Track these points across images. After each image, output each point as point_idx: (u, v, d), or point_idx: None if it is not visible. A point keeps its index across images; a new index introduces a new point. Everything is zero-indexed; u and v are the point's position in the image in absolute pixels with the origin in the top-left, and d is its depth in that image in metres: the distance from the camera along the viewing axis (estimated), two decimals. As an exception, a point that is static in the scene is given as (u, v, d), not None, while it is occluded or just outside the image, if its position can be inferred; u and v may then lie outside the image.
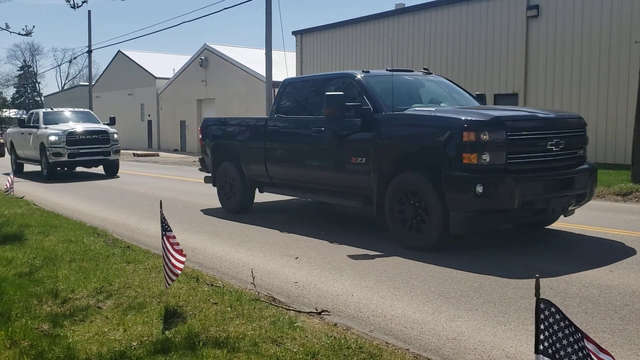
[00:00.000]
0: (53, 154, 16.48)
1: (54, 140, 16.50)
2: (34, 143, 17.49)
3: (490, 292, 4.88)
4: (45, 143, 16.63)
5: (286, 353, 3.54)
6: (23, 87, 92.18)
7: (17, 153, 19.85)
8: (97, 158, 17.10)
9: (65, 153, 16.52)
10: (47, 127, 17.25)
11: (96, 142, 16.95)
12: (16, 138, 19.76)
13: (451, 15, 20.95)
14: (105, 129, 17.35)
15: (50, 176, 16.78)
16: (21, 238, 7.28)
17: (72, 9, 7.96)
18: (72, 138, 16.62)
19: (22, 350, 3.67)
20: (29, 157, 18.61)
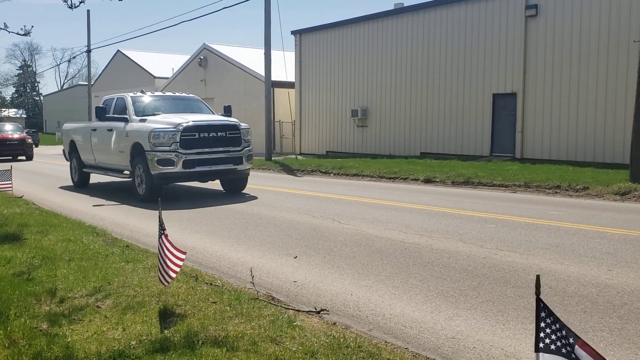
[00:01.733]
0: (159, 162, 10.76)
1: (161, 139, 10.80)
2: (120, 144, 11.96)
3: (489, 291, 4.88)
4: (145, 144, 10.95)
5: (285, 352, 3.54)
6: (22, 86, 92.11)
7: (82, 159, 14.23)
8: (224, 168, 11.33)
9: (179, 160, 10.77)
10: (145, 119, 11.51)
11: (223, 142, 11.30)
12: (82, 137, 14.13)
13: (450, 15, 20.94)
14: (234, 123, 11.62)
15: (151, 197, 10.95)
16: (20, 237, 7.26)
17: (69, 9, 7.95)
18: (189, 136, 10.92)
19: (20, 349, 3.66)
20: (106, 164, 13.07)
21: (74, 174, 14.79)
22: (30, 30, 9.08)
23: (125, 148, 11.68)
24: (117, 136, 12.06)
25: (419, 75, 22.11)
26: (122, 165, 12.17)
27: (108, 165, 12.98)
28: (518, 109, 18.89)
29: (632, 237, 7.01)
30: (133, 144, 11.36)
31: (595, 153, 17.09)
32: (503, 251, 6.33)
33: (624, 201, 10.41)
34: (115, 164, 12.54)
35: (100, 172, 13.52)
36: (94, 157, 13.52)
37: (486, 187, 12.68)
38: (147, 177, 11.07)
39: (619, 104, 16.47)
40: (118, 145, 12.05)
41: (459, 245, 6.70)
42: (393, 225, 8.02)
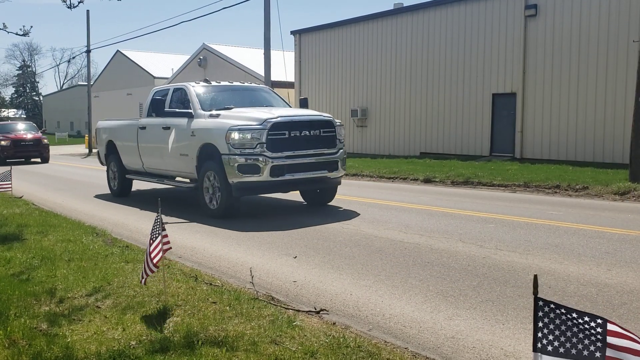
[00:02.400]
0: (241, 168, 8.44)
1: (243, 139, 8.45)
2: (183, 145, 9.58)
3: (488, 290, 4.88)
4: (220, 145, 8.65)
5: (285, 352, 3.55)
6: (22, 86, 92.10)
7: (124, 163, 11.87)
8: (318, 175, 9.00)
9: (266, 166, 8.39)
10: (218, 113, 9.21)
11: (316, 143, 8.93)
12: (124, 137, 11.75)
13: (450, 15, 20.94)
14: (329, 119, 9.22)
15: (227, 212, 8.88)
16: (20, 238, 7.27)
17: (68, 9, 7.95)
18: (277, 135, 8.54)
19: (20, 349, 3.66)
20: (159, 170, 10.73)
21: (112, 181, 12.42)
22: (29, 31, 9.10)
23: (190, 150, 9.39)
24: (178, 135, 9.74)
25: (419, 75, 22.11)
26: (183, 171, 9.94)
27: (162, 172, 10.74)
28: (518, 109, 18.90)
29: (631, 236, 7.01)
30: (202, 145, 9.10)
31: (594, 153, 17.09)
32: (502, 251, 6.33)
33: (624, 201, 10.42)
34: (174, 170, 10.26)
35: (149, 180, 11.35)
36: (141, 161, 11.18)
37: (486, 187, 12.69)
38: (222, 187, 8.77)
39: (619, 103, 16.48)
40: (179, 146, 9.73)
41: (458, 245, 6.71)
42: (393, 225, 8.02)
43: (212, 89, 10.37)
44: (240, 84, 11.11)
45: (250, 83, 11.58)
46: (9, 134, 25.91)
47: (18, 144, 25.52)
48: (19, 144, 25.55)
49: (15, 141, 25.47)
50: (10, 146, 25.30)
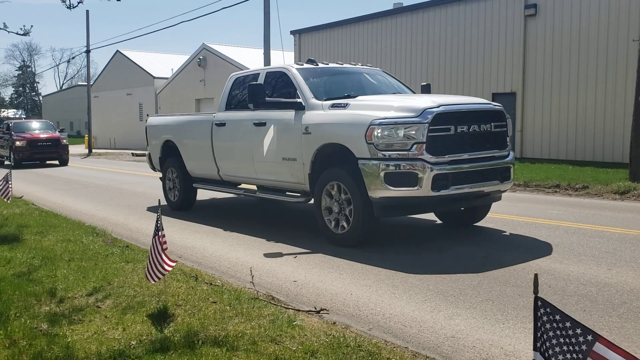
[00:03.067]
0: (389, 178, 6.18)
1: (391, 137, 6.24)
2: (289, 146, 7.39)
3: (488, 290, 4.88)
4: (357, 146, 6.43)
5: (285, 352, 3.55)
6: (21, 87, 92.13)
7: (188, 169, 9.70)
8: (490, 187, 6.81)
9: (427, 175, 6.14)
10: (346, 103, 6.97)
11: (486, 141, 6.74)
12: (191, 136, 9.53)
13: (449, 15, 20.95)
14: (499, 108, 7.12)
15: (362, 236, 6.64)
16: (20, 238, 7.27)
17: (68, 9, 7.95)
18: (440, 132, 6.31)
19: (20, 349, 3.67)
20: (247, 178, 8.51)
21: (171, 191, 10.20)
22: (29, 30, 9.10)
23: (301, 153, 7.13)
24: (280, 133, 7.47)
25: (418, 75, 22.11)
26: (285, 180, 7.61)
27: (249, 180, 8.50)
28: (517, 109, 18.90)
29: (631, 236, 7.02)
30: (321, 146, 6.86)
31: (594, 152, 17.10)
32: (503, 250, 6.33)
33: (624, 200, 10.42)
34: (270, 179, 7.93)
35: (226, 190, 9.36)
36: (216, 167, 8.89)
37: (486, 187, 12.67)
38: (356, 204, 6.39)
39: (619, 103, 16.48)
40: (282, 147, 7.45)
41: (457, 244, 6.71)
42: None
43: (321, 71, 8.12)
44: (352, 66, 8.71)
45: (360, 64, 8.98)
46: (24, 134, 23.63)
47: (34, 145, 23.12)
48: (36, 145, 23.12)
49: (32, 141, 23.11)
50: (26, 147, 22.94)
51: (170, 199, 10.28)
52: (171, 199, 10.25)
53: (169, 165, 10.19)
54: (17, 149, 22.93)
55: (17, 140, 23.10)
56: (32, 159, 23.23)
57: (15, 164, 22.69)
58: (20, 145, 22.98)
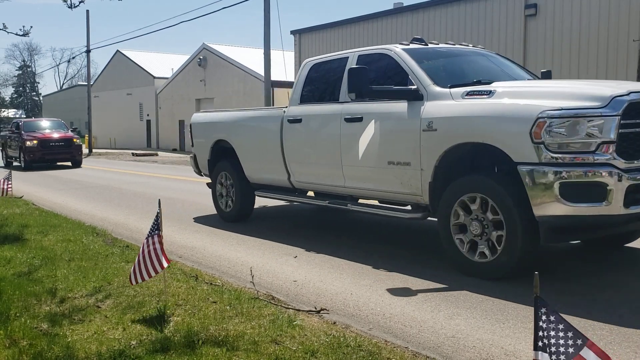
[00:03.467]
0: (566, 189, 4.55)
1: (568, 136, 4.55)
2: (397, 146, 5.91)
3: (489, 289, 4.88)
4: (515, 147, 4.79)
5: (285, 351, 3.55)
6: (22, 87, 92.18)
7: (247, 173, 8.24)
8: None
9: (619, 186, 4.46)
10: (488, 90, 5.28)
11: None
12: (253, 134, 8.07)
13: (449, 14, 20.95)
14: None
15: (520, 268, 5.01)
16: (20, 238, 7.27)
17: (69, 9, 7.96)
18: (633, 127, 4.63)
19: (21, 349, 3.67)
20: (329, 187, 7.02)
21: (223, 199, 8.75)
22: (29, 31, 9.12)
23: (421, 155, 5.64)
24: (388, 131, 6.01)
25: (419, 75, 22.11)
26: (393, 190, 6.10)
27: (336, 188, 6.83)
28: (517, 108, 18.90)
29: (631, 236, 7.01)
30: (452, 146, 5.36)
31: (594, 152, 17.11)
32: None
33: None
34: (367, 188, 6.40)
35: (298, 199, 7.81)
36: (286, 172, 7.40)
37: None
38: (514, 225, 4.90)
39: (619, 103, 16.49)
40: (388, 149, 5.99)
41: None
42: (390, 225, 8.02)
43: (435, 53, 6.67)
44: (464, 47, 7.32)
45: (471, 45, 7.62)
46: (34, 133, 22.38)
47: (46, 145, 21.89)
48: (47, 145, 21.86)
49: (43, 141, 21.90)
50: (37, 147, 21.67)
51: (221, 208, 8.82)
52: (223, 208, 8.77)
53: (222, 169, 8.69)
54: (27, 150, 21.66)
55: (27, 140, 21.80)
56: (43, 160, 21.95)
57: (26, 165, 21.78)
58: (31, 145, 21.72)
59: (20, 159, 22.30)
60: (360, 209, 6.65)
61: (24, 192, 12.91)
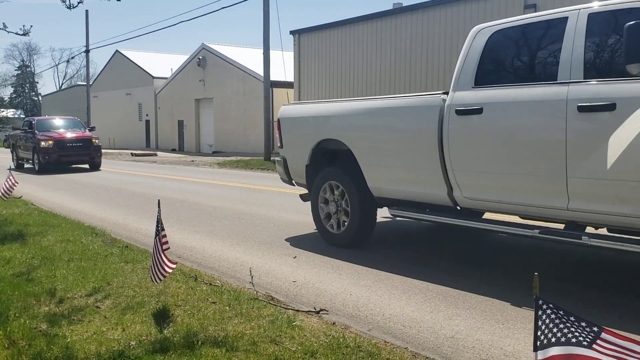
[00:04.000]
0: None
1: None
2: None
3: (488, 290, 4.88)
4: None
5: (285, 352, 3.55)
6: (21, 86, 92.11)
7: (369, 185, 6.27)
8: None
9: None
10: None
11: None
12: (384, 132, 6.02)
13: (449, 14, 20.95)
14: None
15: None
16: (19, 238, 7.26)
17: (68, 9, 7.95)
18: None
19: (20, 349, 3.66)
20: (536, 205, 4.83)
21: (331, 217, 6.87)
22: (29, 30, 9.08)
23: None
24: None
25: (418, 75, 22.12)
26: None
27: (549, 210, 4.82)
28: (517, 109, 18.90)
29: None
30: None
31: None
32: (501, 251, 6.34)
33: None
34: (635, 213, 4.13)
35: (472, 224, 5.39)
36: (446, 183, 5.43)
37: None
38: None
39: (618, 103, 16.49)
40: None
41: (457, 245, 6.71)
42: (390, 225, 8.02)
43: None
44: None
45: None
46: (49, 133, 20.34)
47: (62, 146, 19.90)
48: (64, 146, 19.88)
49: (59, 142, 19.88)
50: (53, 148, 19.71)
51: (328, 230, 6.84)
52: (331, 230, 6.80)
53: (328, 177, 6.76)
54: (42, 151, 19.68)
55: (42, 141, 19.75)
56: (59, 162, 19.94)
57: (40, 168, 19.94)
58: (46, 146, 19.71)
59: (33, 161, 20.50)
60: (610, 246, 4.37)
61: (23, 192, 12.89)
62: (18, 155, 22.76)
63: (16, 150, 22.93)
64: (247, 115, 30.91)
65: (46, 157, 19.78)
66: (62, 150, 19.89)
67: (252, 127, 30.43)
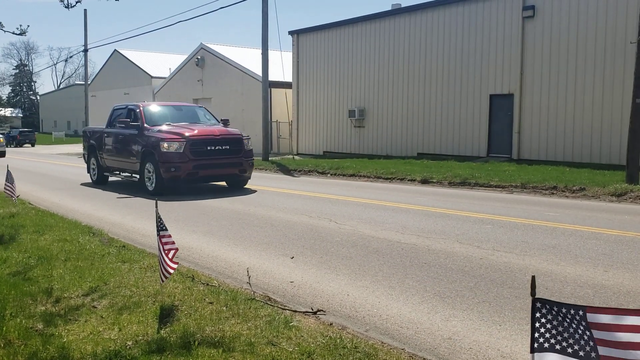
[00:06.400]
0: None
1: None
2: None
3: (485, 292, 4.88)
4: None
5: (282, 353, 3.54)
6: (19, 85, 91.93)
7: None
8: None
9: None
10: None
11: None
12: None
13: (447, 16, 20.96)
14: None
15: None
16: (16, 237, 7.24)
17: (66, 9, 7.92)
18: None
19: (16, 349, 3.65)
20: None
21: None
22: (26, 30, 9.04)
23: None
24: None
25: (416, 76, 22.12)
26: None
27: None
28: (515, 110, 18.92)
29: (627, 238, 7.03)
30: None
31: (591, 154, 17.12)
32: (500, 252, 6.34)
33: (620, 202, 10.44)
34: None
35: None
36: None
37: (483, 188, 12.70)
38: None
39: (616, 105, 16.51)
40: None
41: (455, 245, 6.71)
42: (390, 226, 8.02)
43: None
44: None
45: None
46: (172, 128, 12.36)
47: (202, 150, 11.86)
48: (204, 150, 11.87)
49: (196, 143, 11.85)
50: (185, 154, 11.69)
51: None
52: None
53: None
54: (165, 158, 11.68)
55: (164, 141, 11.77)
56: (195, 177, 11.89)
57: (161, 186, 11.85)
58: (171, 150, 11.70)
59: (142, 175, 12.36)
60: None
61: (20, 191, 12.85)
62: (102, 163, 14.47)
63: (98, 156, 14.62)
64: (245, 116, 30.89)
65: (172, 169, 11.56)
66: (201, 158, 11.71)
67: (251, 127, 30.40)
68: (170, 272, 4.36)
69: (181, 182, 11.95)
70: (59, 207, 10.71)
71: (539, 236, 7.15)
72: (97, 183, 14.81)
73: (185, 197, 11.53)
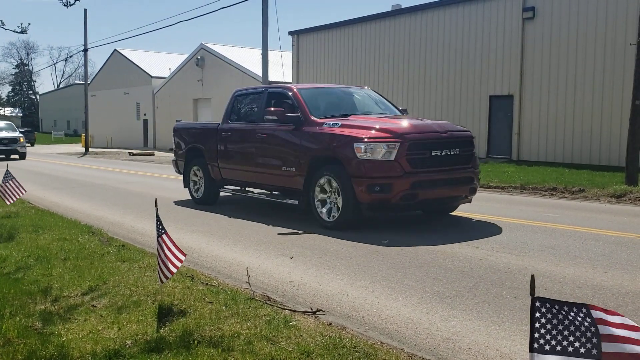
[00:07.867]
0: None
1: None
2: None
3: (484, 292, 4.88)
4: None
5: (281, 352, 3.54)
6: (18, 85, 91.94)
7: None
8: None
9: None
10: None
11: None
12: None
13: (447, 17, 20.98)
14: None
15: None
16: (15, 236, 7.24)
17: (65, 7, 7.91)
18: None
19: (15, 348, 3.65)
20: None
21: None
22: (27, 28, 9.03)
23: None
24: None
25: (416, 77, 22.14)
26: None
27: None
28: (515, 111, 18.94)
29: (627, 239, 7.03)
30: None
31: (591, 155, 17.13)
32: (499, 252, 6.34)
33: (620, 204, 10.44)
34: None
35: None
36: None
37: (482, 189, 12.69)
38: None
39: (615, 106, 16.52)
40: None
41: (454, 246, 6.71)
42: (390, 226, 8.02)
43: None
44: None
45: None
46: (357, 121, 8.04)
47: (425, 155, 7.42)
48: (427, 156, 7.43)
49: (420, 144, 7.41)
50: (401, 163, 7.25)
51: None
52: None
53: None
54: (363, 171, 7.36)
55: (360, 142, 7.38)
56: (415, 201, 7.49)
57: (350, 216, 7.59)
58: (376, 158, 7.30)
59: (321, 198, 7.93)
60: None
61: (19, 190, 12.85)
62: (216, 175, 10.20)
63: (210, 165, 10.29)
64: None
65: (377, 187, 7.32)
66: (423, 170, 7.49)
67: (250, 127, 30.41)
68: (172, 272, 4.35)
69: (390, 209, 7.84)
70: (58, 206, 10.71)
71: (538, 237, 7.16)
72: (201, 203, 10.53)
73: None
